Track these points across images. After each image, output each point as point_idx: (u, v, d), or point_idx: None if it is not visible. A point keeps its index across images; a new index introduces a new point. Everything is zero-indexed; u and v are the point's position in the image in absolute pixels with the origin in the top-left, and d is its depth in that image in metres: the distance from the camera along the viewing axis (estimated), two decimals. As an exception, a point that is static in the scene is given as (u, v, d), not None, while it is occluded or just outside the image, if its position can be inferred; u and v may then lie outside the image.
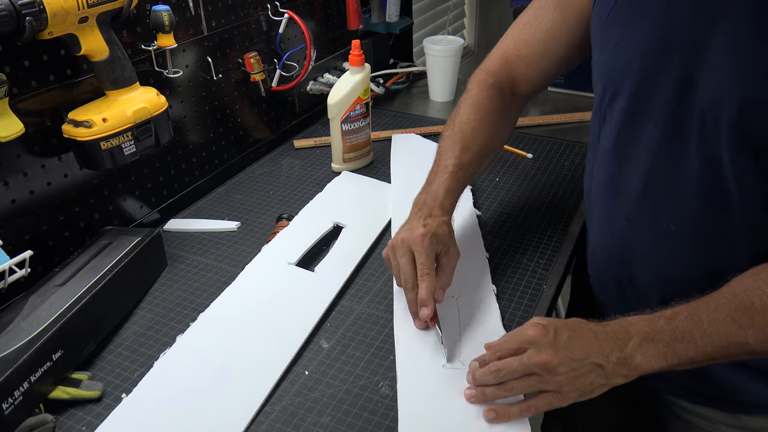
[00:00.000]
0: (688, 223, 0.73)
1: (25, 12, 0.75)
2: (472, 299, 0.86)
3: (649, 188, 0.75)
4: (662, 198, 0.74)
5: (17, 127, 0.78)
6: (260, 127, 1.30)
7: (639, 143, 0.75)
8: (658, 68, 0.70)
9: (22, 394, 0.67)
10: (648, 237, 0.77)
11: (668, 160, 0.72)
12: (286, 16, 1.24)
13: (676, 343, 0.65)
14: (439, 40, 1.54)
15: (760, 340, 0.63)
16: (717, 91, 0.65)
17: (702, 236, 0.72)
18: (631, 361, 0.65)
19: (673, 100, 0.70)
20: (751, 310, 0.63)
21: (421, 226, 0.80)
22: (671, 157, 0.72)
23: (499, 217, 1.06)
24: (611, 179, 0.80)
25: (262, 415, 0.71)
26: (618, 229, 0.81)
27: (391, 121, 1.45)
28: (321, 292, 0.88)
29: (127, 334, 0.84)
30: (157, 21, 0.94)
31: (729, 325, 0.63)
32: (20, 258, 0.78)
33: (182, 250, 1.01)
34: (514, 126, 1.01)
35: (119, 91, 0.90)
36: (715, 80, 0.65)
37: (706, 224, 0.71)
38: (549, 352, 0.65)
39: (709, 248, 0.72)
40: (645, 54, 0.71)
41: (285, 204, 1.13)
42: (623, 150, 0.77)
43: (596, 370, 0.65)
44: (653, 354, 0.65)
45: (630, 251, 0.80)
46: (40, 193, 0.88)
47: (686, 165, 0.70)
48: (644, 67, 0.72)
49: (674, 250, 0.75)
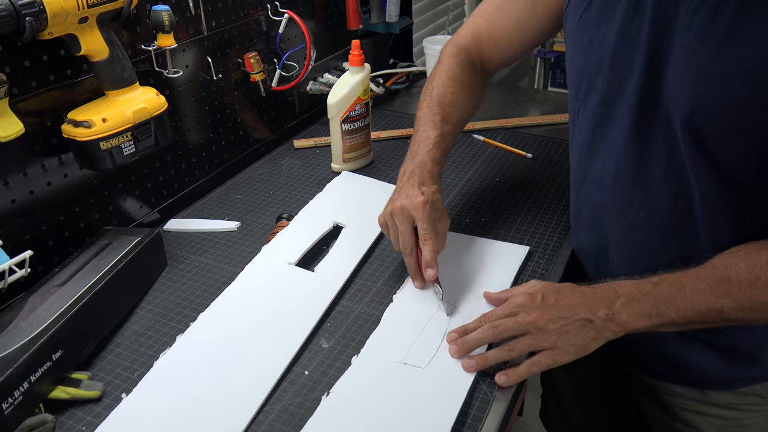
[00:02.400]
0: (655, 211, 0.78)
1: (25, 12, 0.75)
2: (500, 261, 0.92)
3: (620, 177, 0.80)
4: (632, 187, 0.79)
5: (17, 127, 0.78)
6: (260, 127, 1.30)
7: (611, 135, 0.80)
8: (626, 66, 0.75)
9: (22, 394, 0.67)
10: (620, 224, 0.83)
11: (637, 152, 0.77)
12: (286, 16, 1.24)
13: (659, 305, 0.71)
14: (439, 40, 1.54)
15: (734, 308, 0.69)
16: (675, 89, 0.71)
17: (668, 224, 0.78)
18: (619, 317, 0.72)
19: (640, 96, 0.75)
20: (728, 282, 0.69)
21: (419, 194, 0.83)
22: (640, 148, 0.77)
23: (499, 216, 1.06)
24: (587, 170, 0.87)
25: (262, 415, 0.71)
26: (594, 217, 0.87)
27: (391, 121, 1.45)
28: (321, 292, 0.88)
29: (127, 334, 0.84)
30: (157, 21, 0.94)
31: (708, 293, 0.70)
32: (20, 258, 0.78)
33: (182, 250, 1.01)
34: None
35: (119, 91, 0.90)
36: (675, 78, 0.70)
37: (671, 213, 0.77)
38: (537, 313, 0.72)
39: (675, 236, 0.78)
40: (615, 53, 0.76)
41: (285, 204, 1.13)
42: (597, 142, 0.83)
43: (586, 325, 0.72)
44: (639, 312, 0.72)
45: (605, 238, 0.87)
46: (40, 193, 0.88)
47: (653, 157, 0.76)
48: (614, 66, 0.77)
49: (644, 236, 0.81)
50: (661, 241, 0.80)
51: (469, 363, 0.74)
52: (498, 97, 1.61)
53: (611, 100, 0.79)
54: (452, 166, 1.23)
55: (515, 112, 1.47)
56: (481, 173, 1.20)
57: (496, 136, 1.34)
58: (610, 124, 0.80)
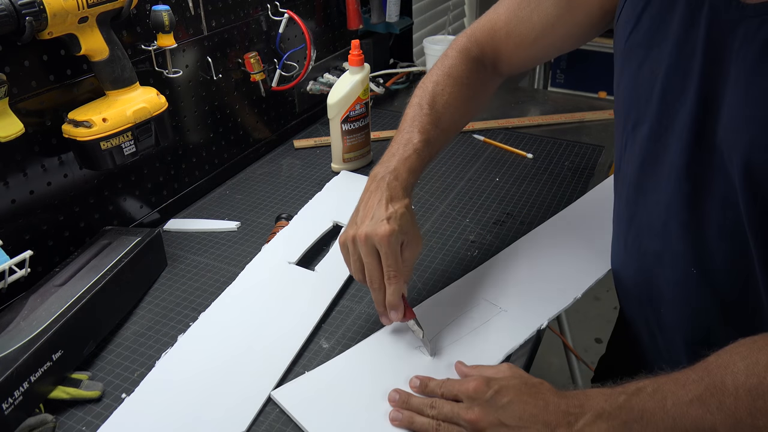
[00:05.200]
0: (708, 271, 0.67)
1: (25, 12, 0.75)
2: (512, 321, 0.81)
3: (670, 224, 0.69)
4: (683, 237, 0.68)
5: (17, 127, 0.78)
6: (260, 127, 1.30)
7: (660, 175, 0.69)
8: (678, 97, 0.65)
9: (22, 394, 0.67)
10: (672, 277, 0.72)
11: (688, 199, 0.66)
12: (286, 16, 1.24)
13: (633, 422, 0.57)
14: (439, 40, 1.54)
15: (729, 426, 0.53)
16: (732, 127, 0.61)
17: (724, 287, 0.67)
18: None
19: (693, 134, 0.65)
20: (721, 390, 0.54)
21: (385, 221, 0.71)
22: (692, 195, 0.66)
23: (499, 217, 1.06)
24: (634, 211, 0.75)
25: (263, 415, 0.71)
26: (643, 265, 0.76)
27: (391, 121, 1.45)
28: (321, 291, 0.88)
29: (127, 334, 0.84)
30: (157, 21, 0.94)
31: (695, 406, 0.54)
32: (20, 258, 0.78)
33: (182, 250, 1.01)
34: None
35: (119, 91, 0.90)
36: (730, 116, 0.61)
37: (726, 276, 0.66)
38: (478, 411, 0.62)
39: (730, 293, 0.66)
40: (666, 81, 0.66)
41: (285, 204, 1.13)
42: (646, 181, 0.72)
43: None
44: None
45: (656, 287, 0.74)
46: (40, 193, 0.88)
47: (706, 207, 0.65)
48: (665, 95, 0.67)
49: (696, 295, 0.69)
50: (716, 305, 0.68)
51: (395, 415, 0.67)
52: (498, 97, 1.60)
53: (660, 136, 0.68)
54: (452, 166, 1.23)
55: (515, 112, 1.47)
56: (481, 173, 1.20)
57: (496, 136, 1.34)
58: (659, 162, 0.69)
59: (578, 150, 1.27)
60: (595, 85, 2.51)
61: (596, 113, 1.43)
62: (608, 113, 1.43)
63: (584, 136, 1.34)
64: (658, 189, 0.70)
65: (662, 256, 0.72)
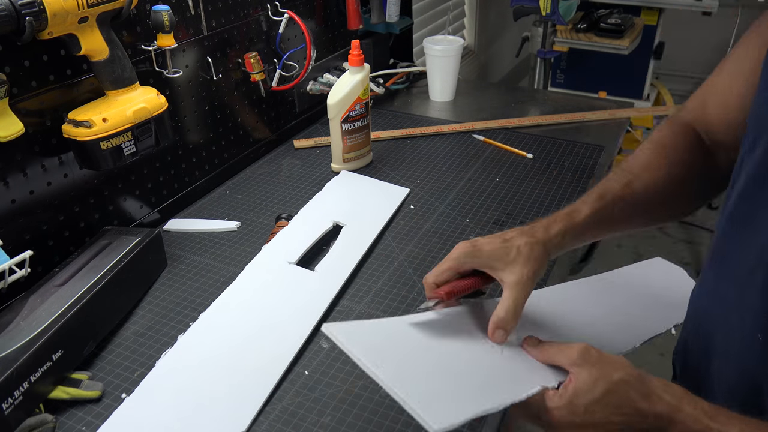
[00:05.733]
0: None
1: (25, 12, 0.75)
2: None
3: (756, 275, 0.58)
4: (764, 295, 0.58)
5: (17, 127, 0.78)
6: (260, 127, 1.30)
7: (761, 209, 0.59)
8: None
9: (22, 394, 0.67)
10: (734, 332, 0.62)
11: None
12: (286, 16, 1.24)
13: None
14: (439, 40, 1.54)
15: None
16: None
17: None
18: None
19: None
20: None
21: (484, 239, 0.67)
22: None
23: (499, 217, 1.06)
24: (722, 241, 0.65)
25: (263, 415, 0.71)
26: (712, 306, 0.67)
27: (391, 121, 1.45)
28: (321, 291, 0.88)
29: (127, 334, 0.84)
30: (157, 21, 0.94)
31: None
32: (20, 258, 0.78)
33: (182, 250, 1.01)
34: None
35: (119, 91, 0.90)
36: None
37: None
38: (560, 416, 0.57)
39: None
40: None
41: (285, 204, 1.13)
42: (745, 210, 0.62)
43: None
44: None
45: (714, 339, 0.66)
46: (40, 193, 0.88)
47: None
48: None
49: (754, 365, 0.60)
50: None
51: None
52: (498, 97, 1.61)
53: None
54: (452, 166, 1.23)
55: (515, 112, 1.47)
56: (481, 173, 1.20)
57: (496, 136, 1.34)
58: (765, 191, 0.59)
59: (578, 150, 1.27)
60: (595, 85, 2.51)
61: (596, 113, 1.43)
62: (608, 113, 1.43)
63: (584, 136, 1.34)
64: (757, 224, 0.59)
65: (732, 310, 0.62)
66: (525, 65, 2.76)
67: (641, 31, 2.43)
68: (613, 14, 2.42)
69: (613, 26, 2.34)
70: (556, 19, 2.05)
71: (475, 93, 1.63)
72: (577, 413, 0.57)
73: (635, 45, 2.37)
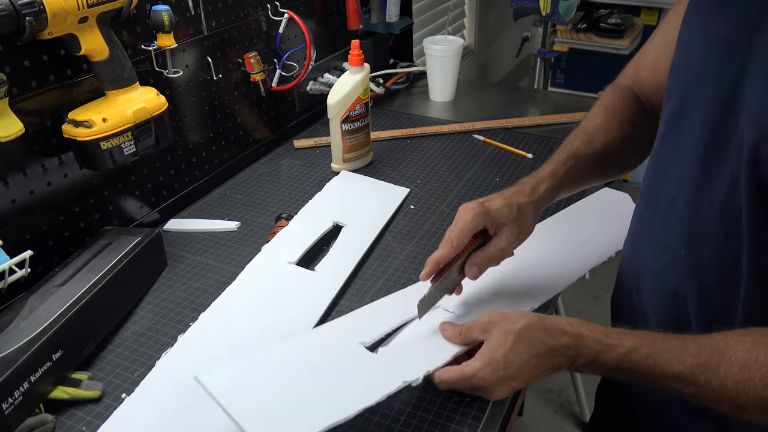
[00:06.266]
0: (696, 254, 0.66)
1: (25, 12, 0.75)
2: None
3: (676, 201, 0.68)
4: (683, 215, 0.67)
5: (17, 127, 0.78)
6: (260, 127, 1.30)
7: (680, 151, 0.68)
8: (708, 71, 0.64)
9: (22, 394, 0.67)
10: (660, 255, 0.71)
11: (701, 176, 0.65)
12: (286, 16, 1.24)
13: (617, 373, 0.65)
14: (439, 40, 1.54)
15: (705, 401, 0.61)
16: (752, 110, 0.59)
17: (705, 273, 0.66)
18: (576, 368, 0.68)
19: (717, 109, 0.63)
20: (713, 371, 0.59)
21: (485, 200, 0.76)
22: (705, 173, 0.64)
23: (499, 217, 1.06)
24: (647, 187, 0.74)
25: (262, 415, 0.71)
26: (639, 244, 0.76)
27: (391, 121, 1.45)
28: (321, 291, 0.88)
29: (127, 334, 0.84)
30: (157, 21, 0.94)
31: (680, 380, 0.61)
32: (20, 258, 0.78)
33: (182, 250, 1.01)
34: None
35: (119, 91, 0.90)
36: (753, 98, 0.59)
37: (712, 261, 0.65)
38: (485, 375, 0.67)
39: (712, 281, 0.65)
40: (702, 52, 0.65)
41: (285, 204, 1.13)
42: (665, 151, 0.71)
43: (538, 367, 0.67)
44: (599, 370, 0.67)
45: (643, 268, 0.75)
46: (40, 193, 0.88)
47: (715, 188, 0.63)
48: (698, 66, 0.65)
49: (677, 278, 0.69)
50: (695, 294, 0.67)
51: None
52: (498, 97, 1.61)
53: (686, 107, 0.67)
54: (452, 166, 1.23)
55: (515, 112, 1.47)
56: (481, 173, 1.20)
57: (496, 136, 1.34)
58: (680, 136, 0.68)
59: (578, 150, 1.27)
60: (595, 85, 2.51)
61: (596, 113, 1.43)
62: (608, 113, 1.43)
63: (584, 136, 1.34)
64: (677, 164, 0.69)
65: (659, 234, 0.71)
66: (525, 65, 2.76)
67: (641, 31, 2.43)
68: (613, 14, 2.42)
69: (613, 26, 2.34)
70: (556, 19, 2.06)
71: (475, 93, 1.63)
72: (498, 368, 0.66)
73: (635, 45, 2.37)
